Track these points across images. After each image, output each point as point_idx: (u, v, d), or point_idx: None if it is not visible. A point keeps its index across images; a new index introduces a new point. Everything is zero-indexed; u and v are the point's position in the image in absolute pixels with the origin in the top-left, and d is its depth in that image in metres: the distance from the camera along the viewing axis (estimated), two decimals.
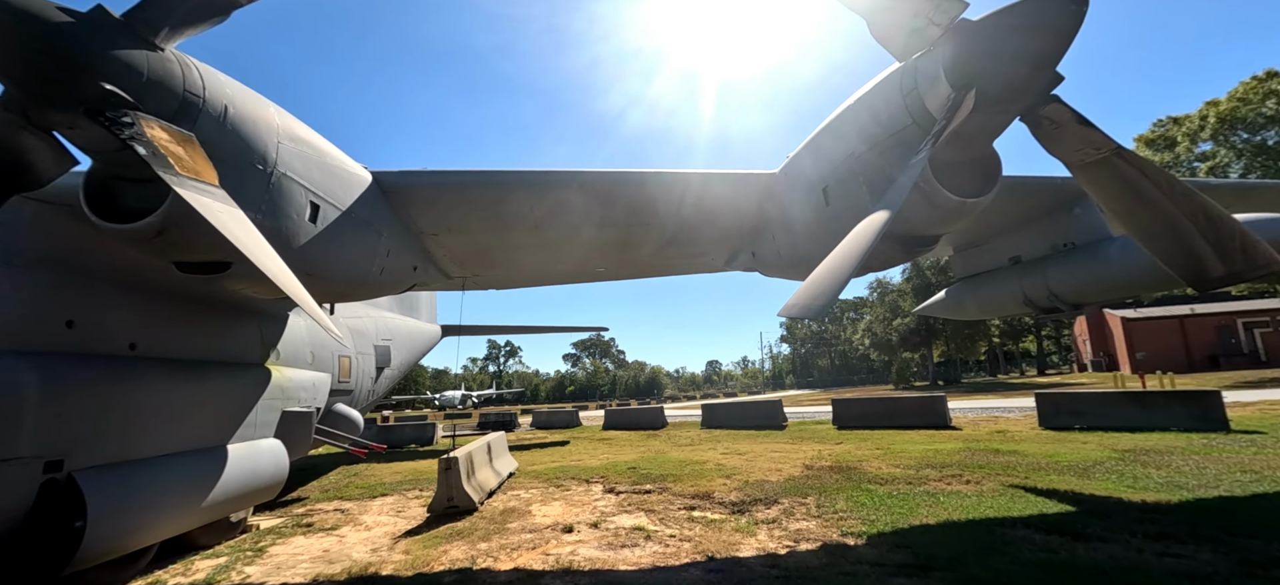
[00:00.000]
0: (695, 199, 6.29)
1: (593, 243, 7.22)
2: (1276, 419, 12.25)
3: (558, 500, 9.09)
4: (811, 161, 5.18)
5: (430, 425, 22.01)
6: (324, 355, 10.14)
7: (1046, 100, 3.59)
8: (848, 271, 3.04)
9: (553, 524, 7.56)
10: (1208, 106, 31.70)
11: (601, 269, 8.87)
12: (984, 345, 65.54)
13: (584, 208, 6.29)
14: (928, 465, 9.51)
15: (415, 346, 16.86)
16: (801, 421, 20.11)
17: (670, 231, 7.17)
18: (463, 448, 9.72)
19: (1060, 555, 4.88)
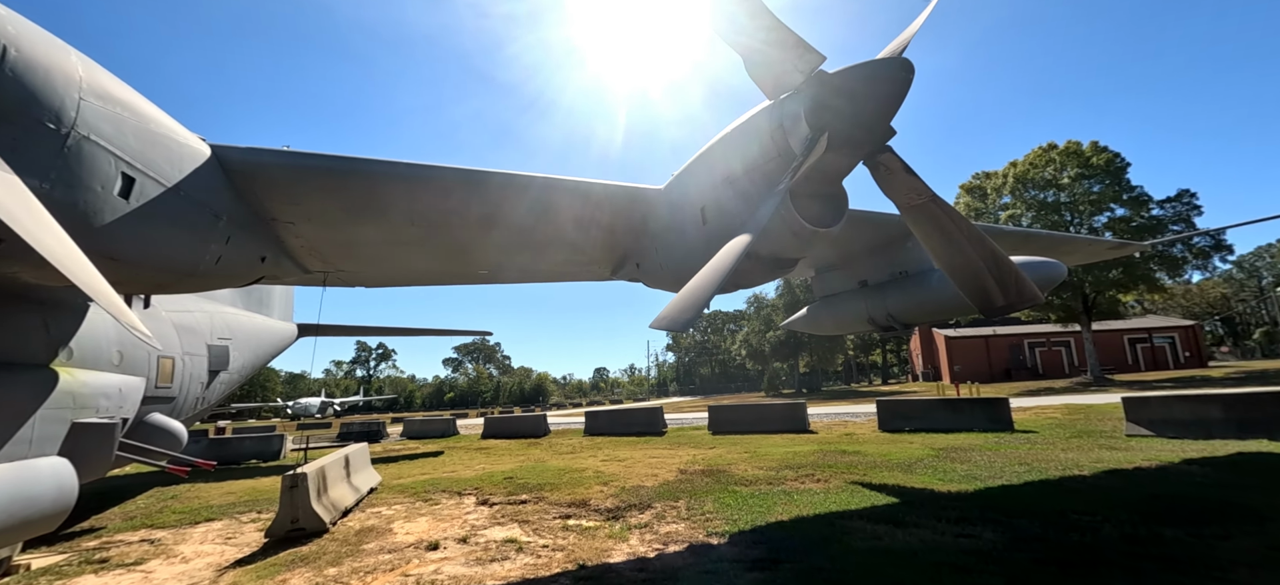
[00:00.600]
0: (584, 208, 6.32)
1: (476, 244, 6.93)
2: (1045, 421, 15.27)
3: (424, 515, 8.52)
4: (692, 181, 5.48)
5: (278, 437, 19.45)
6: (136, 356, 8.54)
7: (883, 149, 4.19)
8: (712, 289, 3.26)
9: (416, 542, 7.07)
10: (1009, 167, 38.88)
11: (484, 271, 8.53)
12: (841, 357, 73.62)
13: (467, 207, 6.02)
14: (787, 466, 10.42)
15: (263, 347, 14.82)
16: (681, 427, 20.96)
17: (558, 238, 7.12)
18: (315, 462, 8.74)
19: (884, 541, 5.62)
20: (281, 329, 16.60)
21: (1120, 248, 12.15)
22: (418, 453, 18.15)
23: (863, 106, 3.76)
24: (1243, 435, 9.98)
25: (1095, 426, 13.37)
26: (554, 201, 6.15)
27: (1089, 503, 6.50)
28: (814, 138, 3.78)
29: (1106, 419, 14.43)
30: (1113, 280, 34.11)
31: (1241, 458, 8.55)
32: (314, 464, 8.57)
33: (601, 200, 6.26)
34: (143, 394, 8.58)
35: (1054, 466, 8.81)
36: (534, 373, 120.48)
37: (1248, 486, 6.79)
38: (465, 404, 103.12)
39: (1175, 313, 59.54)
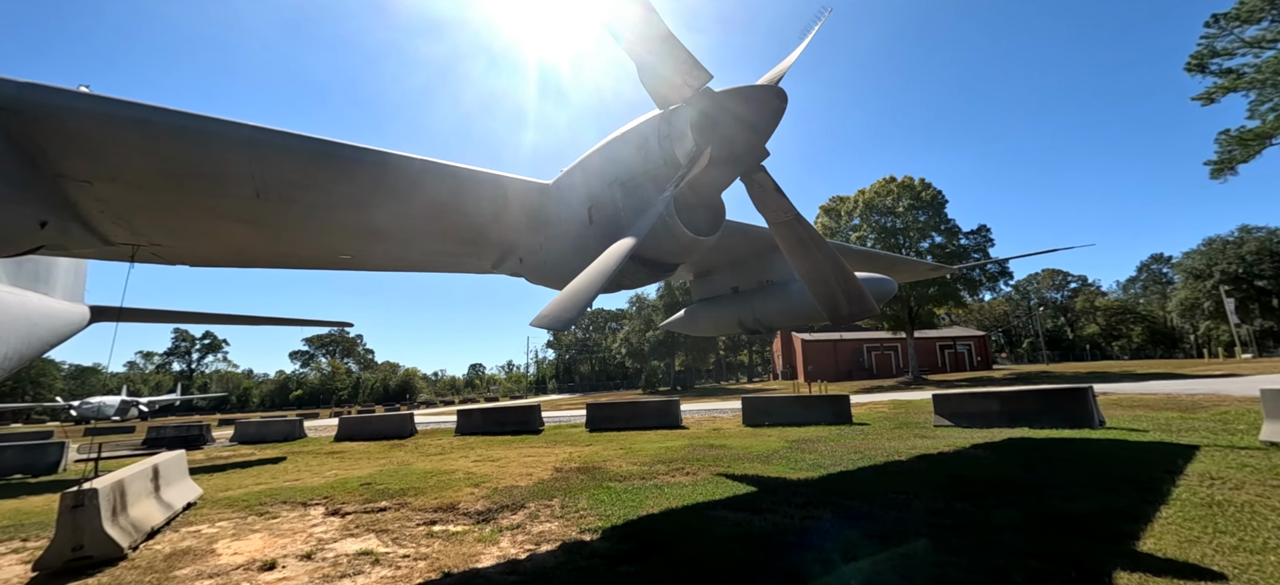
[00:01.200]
0: (467, 198, 5.98)
1: (337, 226, 6.24)
2: (876, 414, 17.71)
3: (258, 531, 7.47)
4: (581, 180, 5.48)
5: (56, 445, 15.73)
6: None
7: (758, 168, 4.57)
8: (595, 289, 3.30)
9: (246, 563, 6.17)
10: (859, 193, 44.42)
11: (346, 256, 7.71)
12: (713, 357, 78.47)
13: (330, 185, 5.38)
14: (660, 461, 10.86)
15: (33, 333, 11.88)
16: (558, 425, 20.80)
17: (436, 227, 6.67)
18: (111, 475, 7.23)
19: (743, 527, 6.10)
20: (64, 311, 13.48)
21: (938, 269, 14.52)
22: (253, 460, 15.84)
23: (743, 126, 4.07)
24: (1012, 424, 12.50)
25: (913, 419, 15.82)
26: (435, 188, 5.75)
27: (905, 483, 7.67)
28: (698, 150, 4.01)
29: (921, 412, 17.13)
30: (930, 296, 40.59)
31: (1010, 442, 10.68)
32: (109, 477, 7.09)
33: (487, 191, 5.99)
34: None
35: (881, 454, 10.25)
36: (401, 368, 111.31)
37: (1014, 466, 8.51)
38: (317, 403, 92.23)
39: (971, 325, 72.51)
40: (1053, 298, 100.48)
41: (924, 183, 42.85)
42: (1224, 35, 39.44)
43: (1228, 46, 39.35)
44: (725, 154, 4.19)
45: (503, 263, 8.04)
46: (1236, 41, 38.98)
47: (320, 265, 8.11)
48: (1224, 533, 4.98)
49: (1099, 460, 8.47)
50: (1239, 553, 4.51)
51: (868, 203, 43.34)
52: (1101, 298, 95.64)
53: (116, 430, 37.67)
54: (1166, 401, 15.96)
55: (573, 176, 5.65)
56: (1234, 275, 60.67)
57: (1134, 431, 11.01)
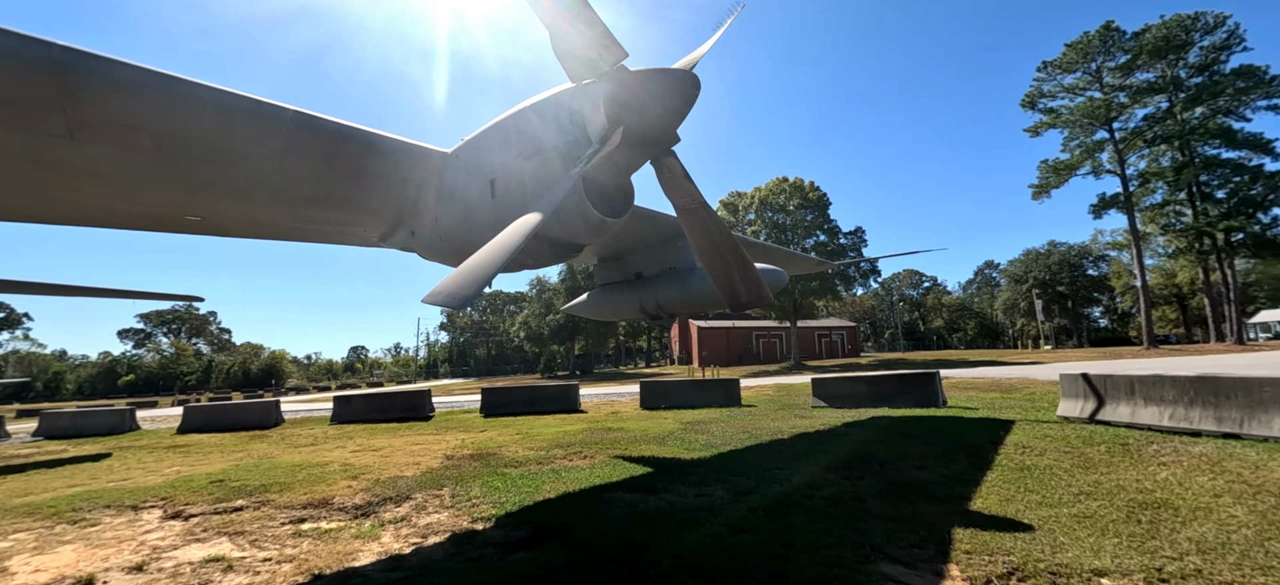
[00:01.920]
0: (354, 159, 5.38)
1: (182, 180, 5.30)
2: (763, 397, 19.02)
3: (71, 542, 6.25)
4: (485, 150, 5.15)
5: None
6: None
7: (668, 153, 4.60)
8: (496, 266, 3.12)
9: (54, 579, 5.13)
10: (756, 191, 47.06)
11: (196, 218, 6.61)
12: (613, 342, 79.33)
13: (168, 130, 4.54)
14: (557, 445, 10.75)
15: None
16: (451, 411, 19.83)
17: (309, 191, 5.94)
18: None
19: (639, 507, 6.23)
20: None
21: (822, 265, 15.85)
22: (65, 457, 13.23)
23: (657, 108, 4.06)
24: (876, 405, 14.07)
25: (794, 400, 17.21)
26: (310, 146, 5.08)
27: (787, 460, 8.31)
28: (610, 129, 3.93)
29: (801, 395, 18.69)
30: (812, 289, 44.33)
31: (873, 420, 12.02)
32: None
33: (376, 154, 5.43)
34: None
35: (766, 433, 11.02)
36: (265, 350, 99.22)
37: (877, 441, 9.57)
38: (156, 390, 79.60)
39: (844, 316, 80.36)
40: (910, 294, 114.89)
41: (812, 185, 46.49)
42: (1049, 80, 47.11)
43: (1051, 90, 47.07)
44: (637, 135, 4.16)
45: (392, 235, 7.39)
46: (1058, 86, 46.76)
47: (161, 227, 6.89)
48: (1032, 491, 6.00)
49: (942, 434, 9.81)
50: (1042, 507, 5.46)
51: (763, 200, 46.12)
52: (947, 296, 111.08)
53: None
54: (991, 384, 18.91)
55: (476, 146, 5.31)
56: (1043, 281, 73.49)
57: (968, 410, 12.90)
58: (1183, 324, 69.70)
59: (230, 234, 7.47)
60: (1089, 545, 4.43)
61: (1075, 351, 49.52)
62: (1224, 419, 8.01)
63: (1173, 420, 8.58)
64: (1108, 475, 6.49)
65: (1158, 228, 45.41)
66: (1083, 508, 5.37)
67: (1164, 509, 5.20)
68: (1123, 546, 4.39)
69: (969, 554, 4.40)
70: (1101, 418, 9.64)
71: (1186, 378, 8.72)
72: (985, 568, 4.15)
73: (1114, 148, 44.62)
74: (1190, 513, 5.08)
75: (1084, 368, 16.78)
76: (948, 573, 4.15)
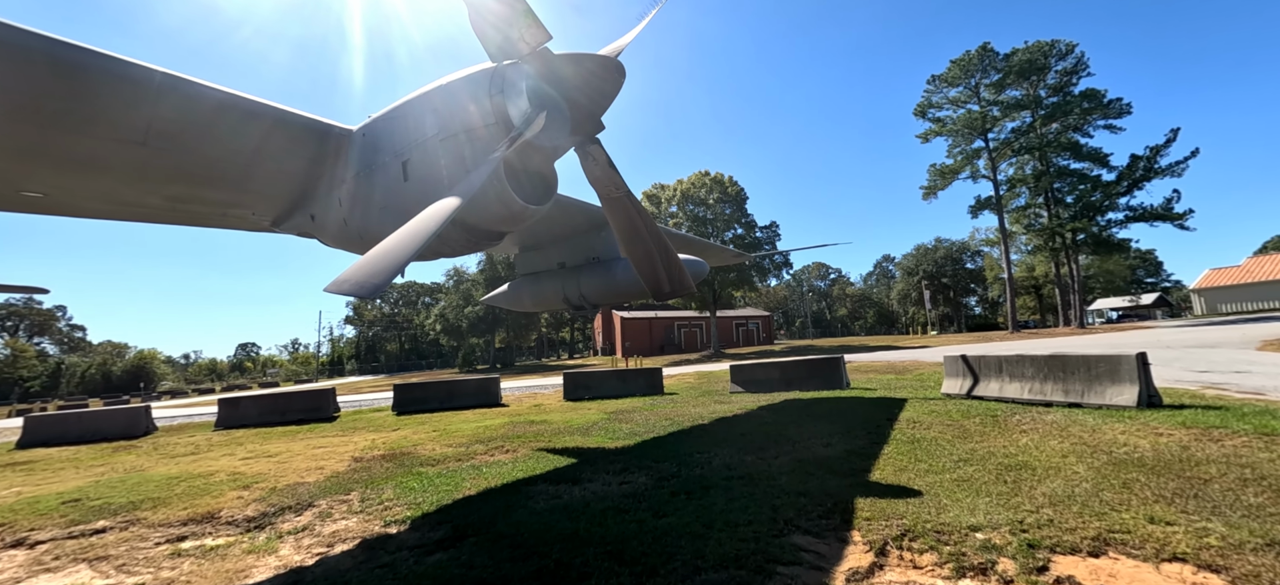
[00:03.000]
0: (242, 133, 4.80)
1: (13, 148, 4.48)
2: (684, 384, 19.55)
3: None
4: (396, 130, 4.80)
5: None
6: None
7: (593, 140, 4.55)
8: (410, 252, 2.93)
9: None
10: (678, 183, 47.96)
11: (37, 194, 5.63)
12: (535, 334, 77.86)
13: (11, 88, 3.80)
14: (478, 441, 10.40)
15: None
16: (359, 410, 18.55)
17: (182, 166, 5.25)
18: None
19: (563, 498, 6.19)
20: None
21: (740, 256, 16.50)
22: None
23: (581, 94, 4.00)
24: (788, 388, 14.96)
25: (714, 387, 17.85)
26: (190, 115, 4.48)
27: (706, 444, 8.62)
28: (533, 112, 3.81)
29: (720, 382, 19.42)
30: (730, 280, 46.06)
31: (785, 403, 12.77)
32: None
33: (269, 127, 4.89)
34: None
35: (687, 419, 11.35)
36: (131, 349, 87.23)
37: (788, 422, 10.18)
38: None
39: (760, 306, 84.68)
40: (818, 285, 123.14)
41: (732, 180, 48.19)
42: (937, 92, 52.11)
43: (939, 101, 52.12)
44: (561, 120, 4.08)
45: (288, 219, 6.74)
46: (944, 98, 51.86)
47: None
48: (921, 461, 6.67)
49: (845, 414, 10.63)
50: (929, 474, 6.10)
51: (685, 193, 47.15)
52: (850, 287, 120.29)
53: None
54: (887, 367, 20.74)
55: (386, 124, 4.94)
56: (930, 273, 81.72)
57: (867, 391, 14.07)
58: (1039, 310, 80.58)
59: (84, 214, 6.45)
60: (966, 505, 5.02)
61: (956, 336, 55.62)
62: (1069, 391, 9.36)
63: (1031, 393, 9.89)
64: (981, 443, 7.36)
65: (1022, 227, 51.89)
66: (961, 473, 6.05)
67: (1025, 470, 6.00)
68: (992, 504, 5.01)
69: (868, 520, 4.82)
70: (977, 393, 10.91)
71: (1041, 357, 10.08)
72: (882, 531, 4.56)
73: (988, 155, 50.42)
74: (1044, 472, 5.90)
75: (962, 350, 18.87)
76: (850, 538, 4.52)
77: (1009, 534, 4.35)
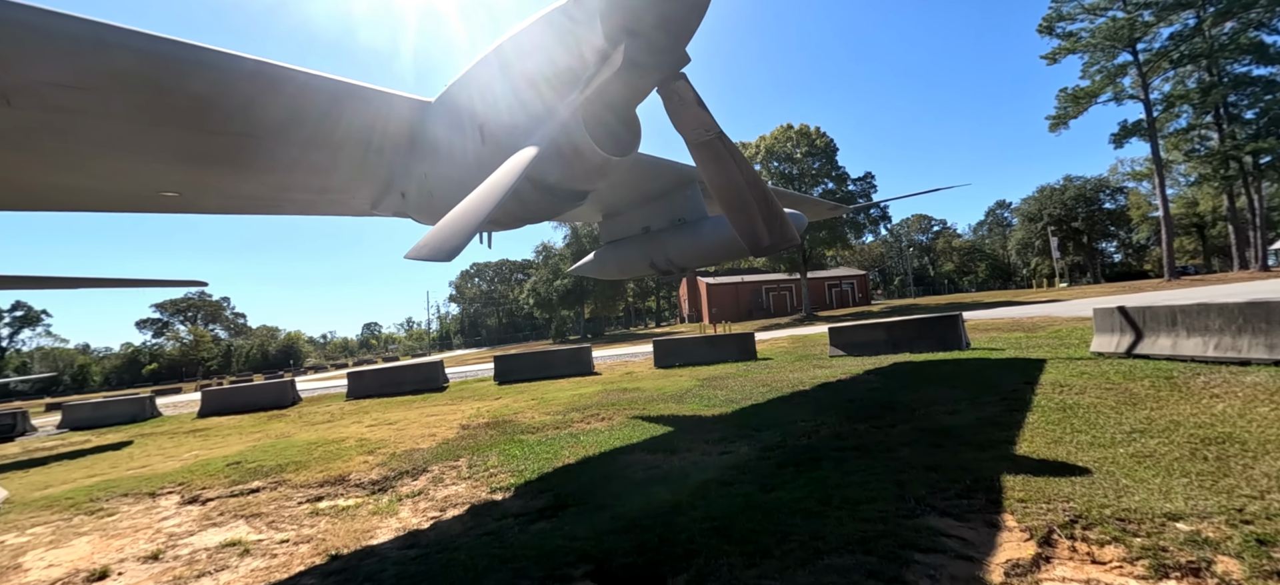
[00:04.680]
0: (318, 114, 4.90)
1: (147, 151, 4.89)
2: (777, 349, 18.74)
3: (88, 534, 6.14)
4: (470, 92, 4.64)
5: None
6: None
7: (677, 76, 4.06)
8: (483, 213, 2.70)
9: (66, 576, 5.00)
10: (760, 139, 45.68)
11: (172, 194, 6.22)
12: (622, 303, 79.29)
13: (116, 90, 4.09)
14: (573, 409, 10.55)
15: None
16: (464, 381, 19.80)
17: (287, 154, 5.49)
18: None
19: (661, 469, 5.97)
20: None
21: (837, 208, 15.23)
22: (86, 448, 13.32)
23: (661, 21, 3.52)
24: (896, 350, 13.71)
25: (811, 351, 16.90)
26: (276, 99, 4.61)
27: (809, 412, 8.01)
28: (609, 49, 3.42)
29: (817, 345, 18.36)
30: (821, 239, 43.46)
31: (895, 366, 11.67)
32: None
33: (349, 105, 4.94)
34: None
35: (786, 385, 10.73)
36: (281, 332, 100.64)
37: (902, 387, 9.24)
38: (179, 376, 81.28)
39: (853, 265, 79.41)
40: (919, 240, 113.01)
41: (819, 131, 45.01)
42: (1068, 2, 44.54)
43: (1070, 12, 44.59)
44: (641, 55, 3.64)
45: (383, 201, 6.97)
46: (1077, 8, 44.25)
47: (137, 207, 6.53)
48: (1080, 432, 5.64)
49: (970, 377, 9.45)
50: (1095, 449, 5.11)
51: (769, 149, 44.80)
52: (957, 239, 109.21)
53: None
54: (1012, 324, 18.44)
55: (461, 90, 4.80)
56: (1058, 218, 71.71)
57: (993, 350, 12.50)
58: (1202, 254, 68.14)
59: (209, 210, 7.10)
60: (1156, 487, 4.08)
61: (1092, 288, 48.64)
62: (1276, 346, 7.54)
63: (1219, 350, 8.12)
64: (1159, 411, 6.10)
65: (1181, 154, 43.66)
66: (1140, 447, 5.00)
67: (1230, 444, 4.82)
68: (1193, 487, 4.03)
69: (1023, 502, 4.07)
70: (1141, 352, 9.19)
71: (1235, 305, 8.21)
72: (1044, 516, 3.81)
73: (1137, 70, 42.45)
74: (1259, 447, 4.70)
75: (1117, 301, 16.20)
76: (1002, 523, 3.83)
77: (1225, 525, 3.44)
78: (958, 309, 30.90)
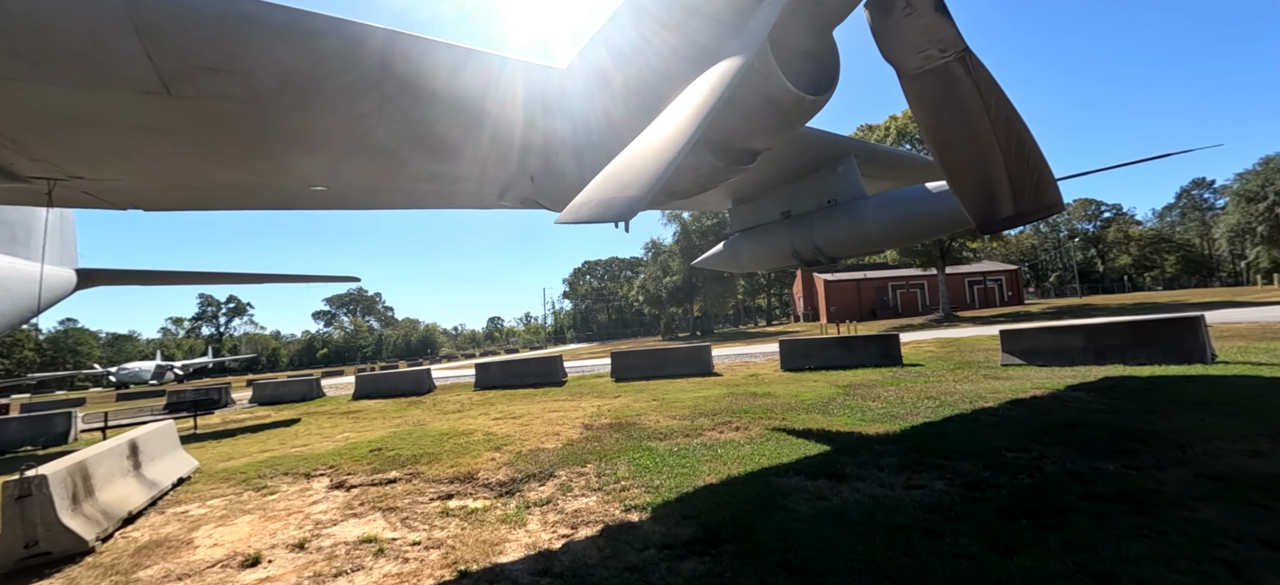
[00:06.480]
0: (448, 88, 4.44)
1: (287, 137, 4.78)
2: (925, 354, 16.28)
3: (250, 513, 6.45)
4: (613, 46, 3.88)
5: (65, 415, 15.12)
6: None
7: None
8: (681, 144, 1.84)
9: (226, 558, 5.11)
10: (890, 120, 41.36)
11: (320, 187, 6.29)
12: (732, 301, 77.11)
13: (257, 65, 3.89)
14: (701, 414, 9.64)
15: (10, 299, 10.88)
16: (581, 376, 19.83)
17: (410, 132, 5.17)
18: (72, 456, 6.19)
19: (832, 501, 4.82)
20: (47, 276, 12.45)
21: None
22: (266, 423, 15.11)
23: None
24: (1099, 361, 10.98)
25: (970, 358, 14.35)
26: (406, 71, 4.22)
27: (1013, 438, 6.30)
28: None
29: (976, 350, 15.64)
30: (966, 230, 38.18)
31: (1109, 382, 9.20)
32: (66, 460, 6.03)
33: (476, 75, 4.43)
34: None
35: (960, 399, 8.87)
36: (421, 324, 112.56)
37: (1134, 410, 7.08)
38: (341, 361, 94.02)
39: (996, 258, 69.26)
40: (1084, 228, 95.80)
41: None
42: None
43: None
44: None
45: (511, 189, 6.56)
46: None
47: (291, 203, 6.74)
48: None
49: (1246, 402, 6.98)
50: None
51: (901, 130, 40.32)
52: (1135, 226, 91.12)
53: (152, 395, 38.22)
54: (1261, 331, 14.21)
55: (599, 46, 4.06)
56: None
57: (1258, 366, 9.42)
58: None
59: (355, 206, 7.19)
60: None
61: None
62: None
63: None
64: None
65: None
66: None
67: None
68: None
69: None
70: None
71: None
72: None
73: None
74: None
75: None
76: None
77: None
78: (1146, 310, 25.17)
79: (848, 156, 7.59)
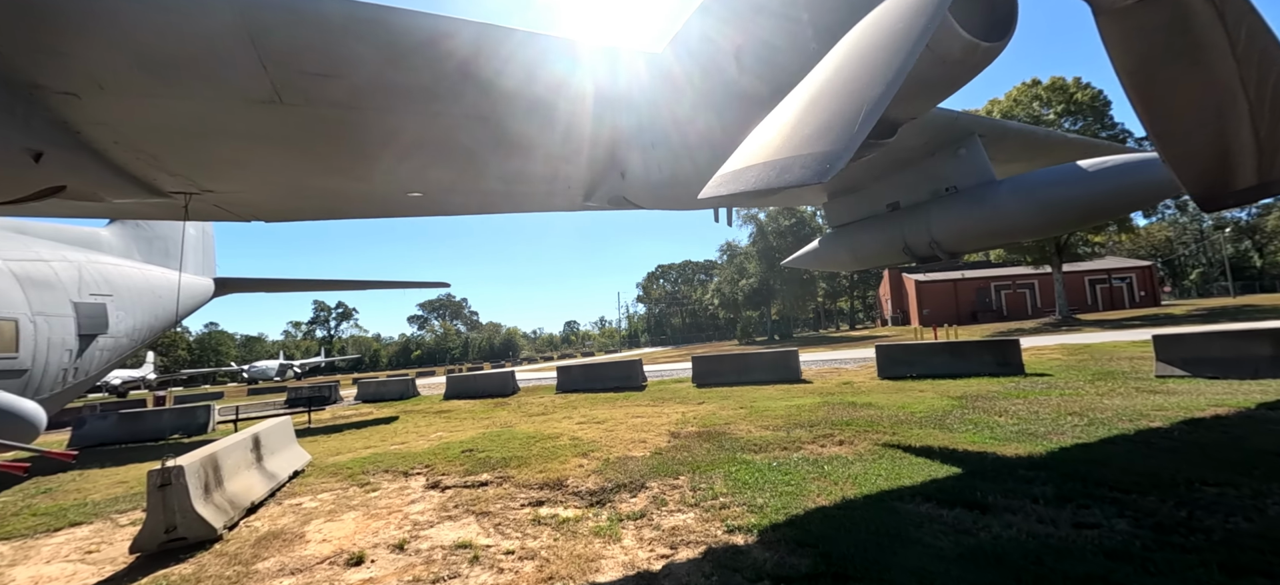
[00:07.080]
0: (532, 77, 4.21)
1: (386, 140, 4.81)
2: (1050, 362, 14.36)
3: (355, 509, 6.67)
4: (716, 19, 3.49)
5: (204, 407, 17.03)
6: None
7: None
8: (893, 70, 1.39)
9: (333, 554, 5.23)
10: (991, 104, 37.74)
11: (417, 193, 6.41)
12: (812, 304, 73.95)
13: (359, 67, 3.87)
14: (796, 424, 8.95)
15: (162, 305, 12.32)
16: (661, 380, 19.52)
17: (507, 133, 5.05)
18: (205, 449, 6.71)
19: (980, 537, 4.08)
20: (191, 284, 14.01)
21: None
22: (368, 419, 16.14)
23: None
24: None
25: (1111, 367, 12.43)
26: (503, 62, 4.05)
27: (1205, 468, 5.15)
28: None
29: (1115, 358, 13.56)
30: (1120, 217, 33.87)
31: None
32: (203, 451, 6.54)
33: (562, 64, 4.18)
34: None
35: (1110, 415, 7.55)
36: (503, 328, 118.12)
37: None
38: (433, 362, 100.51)
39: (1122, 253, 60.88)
40: (1235, 217, 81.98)
41: (1078, 82, 35.24)
42: None
43: None
44: None
45: (599, 187, 6.32)
46: None
47: (391, 210, 6.95)
48: None
49: None
50: None
51: (1004, 113, 36.57)
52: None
53: (273, 390, 42.70)
54: None
55: (701, 21, 3.67)
56: None
57: None
58: None
59: (451, 211, 7.29)
60: None
61: None
62: None
63: None
64: None
65: None
66: None
67: None
68: None
69: None
70: None
71: None
72: None
73: None
74: None
75: None
76: None
77: None
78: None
79: (971, 136, 6.66)
